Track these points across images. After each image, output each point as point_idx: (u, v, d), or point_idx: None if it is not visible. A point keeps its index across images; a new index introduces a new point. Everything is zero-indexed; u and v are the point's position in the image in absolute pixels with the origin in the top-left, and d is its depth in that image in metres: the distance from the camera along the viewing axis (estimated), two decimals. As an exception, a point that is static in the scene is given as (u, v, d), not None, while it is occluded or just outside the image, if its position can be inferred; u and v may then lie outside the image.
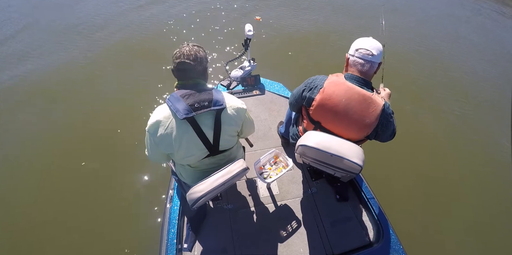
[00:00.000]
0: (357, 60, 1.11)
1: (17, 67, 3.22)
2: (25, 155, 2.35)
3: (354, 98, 1.07)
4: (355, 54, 1.12)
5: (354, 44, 1.16)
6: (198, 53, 0.99)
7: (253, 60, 2.26)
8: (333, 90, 1.09)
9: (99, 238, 1.87)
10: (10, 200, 2.07)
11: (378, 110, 1.07)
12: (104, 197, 2.07)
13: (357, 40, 1.16)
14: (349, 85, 1.09)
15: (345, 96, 1.08)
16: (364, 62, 1.10)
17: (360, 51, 1.10)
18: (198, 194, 1.01)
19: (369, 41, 1.13)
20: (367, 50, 1.09)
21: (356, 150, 1.09)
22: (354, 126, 1.12)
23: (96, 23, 3.95)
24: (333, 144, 1.09)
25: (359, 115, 1.08)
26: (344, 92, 1.08)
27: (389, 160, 2.37)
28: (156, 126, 0.98)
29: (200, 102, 0.95)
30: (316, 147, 1.08)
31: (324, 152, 1.07)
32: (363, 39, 1.15)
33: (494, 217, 2.12)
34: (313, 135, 1.13)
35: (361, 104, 1.07)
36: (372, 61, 1.10)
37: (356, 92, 1.07)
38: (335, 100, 1.09)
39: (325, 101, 1.11)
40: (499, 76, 3.50)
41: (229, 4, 4.38)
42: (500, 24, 4.71)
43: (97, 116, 2.67)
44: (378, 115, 1.08)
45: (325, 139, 1.11)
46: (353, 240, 1.40)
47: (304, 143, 1.11)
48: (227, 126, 1.05)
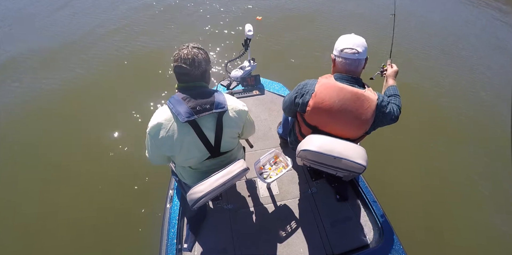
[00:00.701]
0: (343, 61, 1.11)
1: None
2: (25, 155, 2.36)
3: (347, 98, 1.06)
4: (341, 55, 1.11)
5: (337, 44, 1.14)
6: (196, 57, 0.96)
7: (253, 60, 2.26)
8: (325, 93, 1.09)
9: (99, 238, 1.87)
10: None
11: (373, 105, 1.07)
12: (104, 197, 2.07)
13: (339, 39, 1.16)
14: (340, 86, 1.08)
15: (338, 97, 1.07)
16: (351, 62, 1.10)
17: (345, 52, 1.10)
18: (198, 195, 1.01)
19: (351, 38, 1.12)
20: (352, 49, 1.09)
21: (358, 150, 1.08)
22: (351, 125, 1.12)
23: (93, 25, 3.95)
24: (335, 146, 1.08)
25: (355, 114, 1.08)
26: (336, 94, 1.07)
27: (389, 160, 2.37)
28: (157, 128, 0.97)
29: (202, 104, 0.95)
30: (318, 151, 1.06)
31: (327, 155, 1.06)
32: (345, 37, 1.14)
33: (494, 217, 2.12)
34: (314, 139, 1.12)
35: (355, 103, 1.07)
36: (359, 58, 1.10)
37: (349, 92, 1.07)
38: (328, 103, 1.08)
39: (319, 105, 1.10)
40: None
41: (228, 5, 4.37)
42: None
43: (96, 115, 2.68)
44: (374, 111, 1.08)
45: (327, 142, 1.10)
46: (353, 240, 1.40)
47: (306, 148, 1.09)
48: (229, 129, 1.05)
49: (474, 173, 2.38)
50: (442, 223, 2.05)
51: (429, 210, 2.11)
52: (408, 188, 2.23)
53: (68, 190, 2.12)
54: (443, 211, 2.12)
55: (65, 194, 2.10)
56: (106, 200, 2.06)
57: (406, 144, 2.54)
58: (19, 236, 1.89)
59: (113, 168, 2.25)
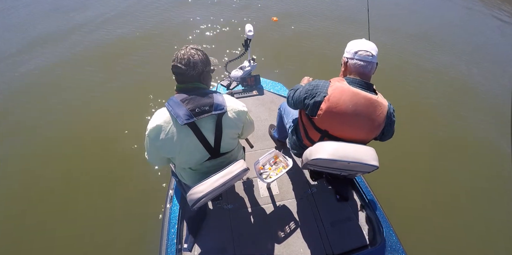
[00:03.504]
0: (358, 62, 1.09)
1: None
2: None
3: (360, 103, 1.05)
4: (355, 57, 1.10)
5: (350, 47, 1.14)
6: (192, 58, 0.96)
7: (253, 60, 2.26)
8: (339, 97, 1.06)
9: (99, 238, 1.87)
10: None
11: (385, 111, 1.08)
12: (104, 198, 2.08)
13: (351, 43, 1.15)
14: (354, 91, 1.06)
15: (352, 102, 1.05)
16: (366, 64, 1.09)
17: (360, 54, 1.09)
18: (198, 195, 1.01)
19: (364, 42, 1.12)
20: (367, 51, 1.08)
21: (370, 152, 1.07)
22: (363, 131, 1.10)
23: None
24: (348, 151, 1.06)
25: (368, 119, 1.07)
26: (350, 98, 1.05)
27: (389, 160, 2.37)
28: (157, 131, 0.97)
29: (201, 106, 0.94)
30: (332, 158, 1.04)
31: (342, 161, 1.04)
32: (358, 41, 1.14)
33: (495, 217, 2.12)
34: (326, 146, 1.08)
35: (369, 108, 1.06)
36: (372, 61, 1.10)
37: (362, 97, 1.05)
38: (342, 107, 1.06)
39: (332, 109, 1.07)
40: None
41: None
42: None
43: (97, 116, 2.68)
44: (385, 117, 1.08)
45: (339, 147, 1.07)
46: (353, 240, 1.40)
47: (318, 157, 1.06)
48: (228, 130, 1.05)
49: (475, 172, 2.38)
50: (442, 223, 2.05)
51: (430, 209, 2.11)
52: (408, 188, 2.23)
53: (68, 190, 2.12)
54: (443, 211, 2.12)
55: (65, 194, 2.10)
56: (106, 201, 2.06)
57: (406, 144, 2.54)
58: (19, 235, 1.90)
59: (113, 168, 2.25)
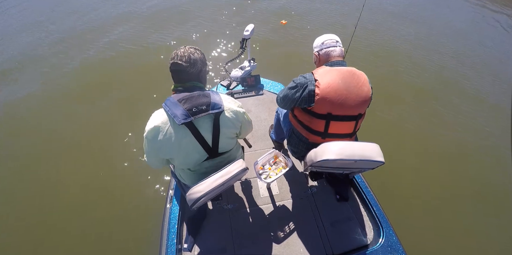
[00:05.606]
0: (328, 49, 1.23)
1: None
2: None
3: (346, 76, 1.14)
4: (323, 46, 1.25)
5: (316, 42, 1.29)
6: (192, 55, 0.98)
7: (253, 60, 2.26)
8: (327, 77, 1.14)
9: (99, 238, 1.88)
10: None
11: (366, 78, 1.19)
12: (104, 198, 2.08)
13: (316, 39, 1.30)
14: (336, 68, 1.17)
15: (339, 77, 1.13)
16: (334, 48, 1.24)
17: (326, 43, 1.25)
18: (198, 195, 1.01)
19: (327, 34, 1.29)
20: (331, 39, 1.25)
21: (376, 148, 1.11)
22: (359, 100, 1.15)
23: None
24: (354, 149, 1.08)
25: (358, 88, 1.14)
26: (336, 75, 1.14)
27: (389, 160, 2.36)
28: (154, 132, 0.97)
29: (198, 106, 0.95)
30: (340, 158, 1.06)
31: (349, 160, 1.06)
32: (321, 36, 1.30)
33: (495, 217, 2.12)
34: (331, 146, 1.10)
35: (354, 78, 1.15)
36: (339, 46, 1.25)
37: (345, 71, 1.16)
38: (334, 85, 1.12)
39: (326, 89, 1.12)
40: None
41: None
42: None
43: (95, 121, 2.69)
44: (368, 82, 1.19)
45: (345, 146, 1.09)
46: (353, 240, 1.40)
47: (325, 158, 1.07)
48: (226, 129, 1.05)
49: (476, 172, 2.37)
50: (442, 223, 2.05)
51: (430, 210, 2.11)
52: (408, 188, 2.22)
53: (67, 190, 2.12)
54: (443, 211, 2.11)
55: (64, 194, 2.11)
56: (106, 201, 2.06)
57: (405, 144, 2.53)
58: (19, 235, 1.90)
59: (114, 168, 2.26)
